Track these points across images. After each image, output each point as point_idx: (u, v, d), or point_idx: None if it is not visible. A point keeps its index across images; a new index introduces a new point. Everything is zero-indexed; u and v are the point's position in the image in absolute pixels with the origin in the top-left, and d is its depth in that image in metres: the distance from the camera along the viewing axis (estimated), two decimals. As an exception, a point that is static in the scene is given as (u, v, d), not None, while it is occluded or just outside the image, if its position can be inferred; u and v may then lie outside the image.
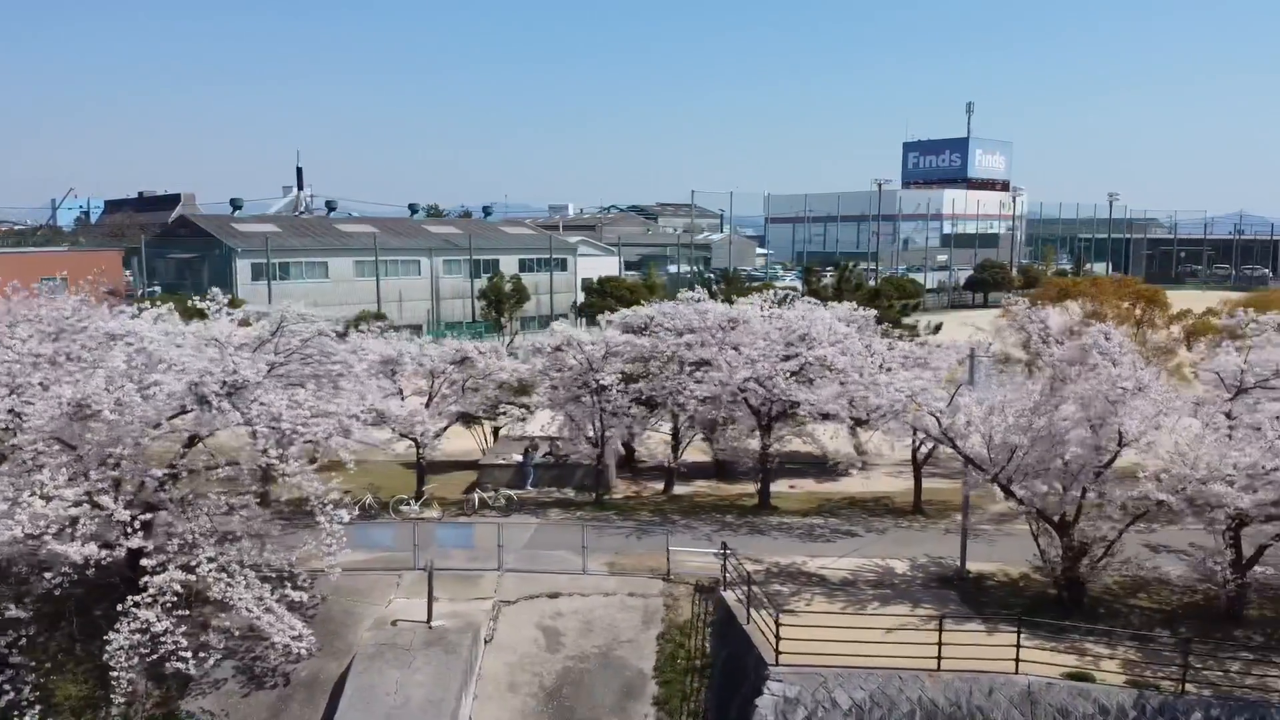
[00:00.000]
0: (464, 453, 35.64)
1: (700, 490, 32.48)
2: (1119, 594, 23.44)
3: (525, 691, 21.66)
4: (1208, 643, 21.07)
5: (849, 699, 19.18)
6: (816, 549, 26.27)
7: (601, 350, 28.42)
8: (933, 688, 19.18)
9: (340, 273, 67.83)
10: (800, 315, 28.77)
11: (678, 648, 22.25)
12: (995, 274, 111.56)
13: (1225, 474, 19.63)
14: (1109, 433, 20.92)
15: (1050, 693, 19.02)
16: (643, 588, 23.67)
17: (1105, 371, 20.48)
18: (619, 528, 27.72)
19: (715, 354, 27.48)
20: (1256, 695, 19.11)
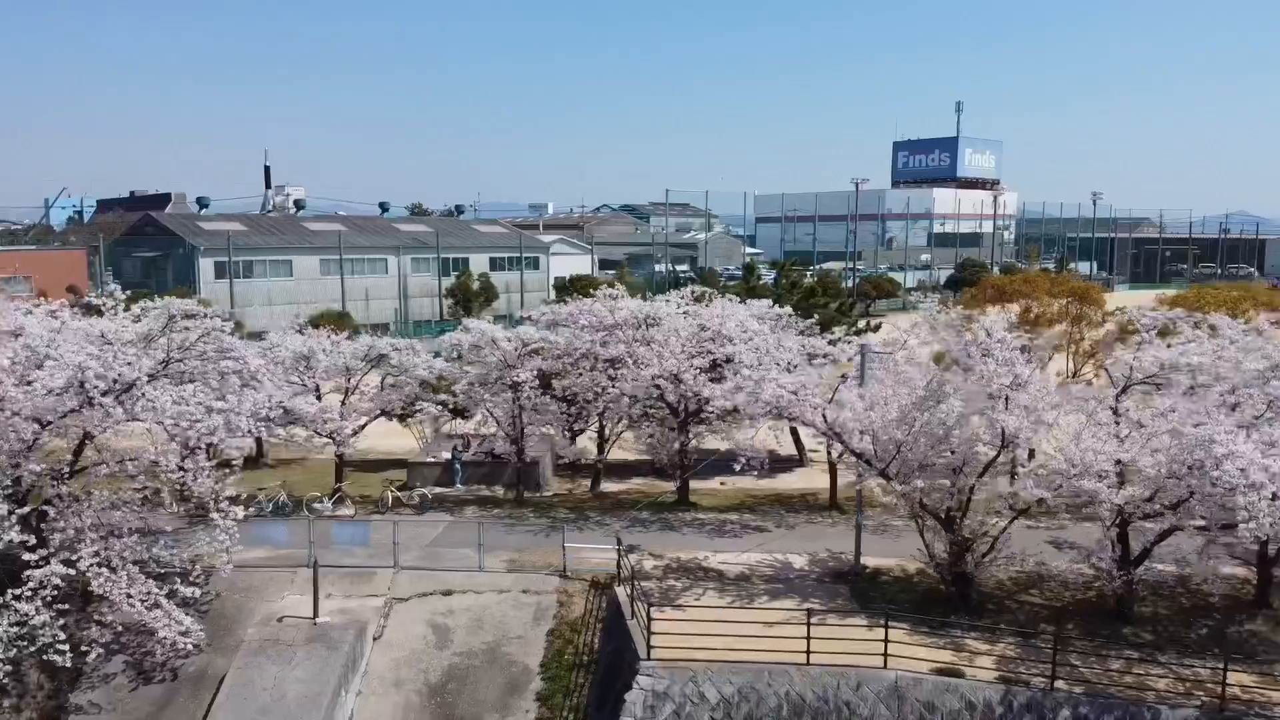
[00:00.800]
0: (404, 451, 35.63)
1: (632, 488, 32.42)
2: (1012, 590, 23.44)
3: (410, 688, 21.69)
4: (1092, 640, 21.13)
5: (717, 693, 19.17)
6: (722, 544, 26.27)
7: (517, 347, 28.39)
8: (801, 682, 19.19)
9: (305, 271, 67.83)
10: (716, 313, 28.71)
11: (566, 644, 22.26)
12: (976, 273, 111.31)
13: (1096, 469, 19.58)
14: (991, 429, 20.87)
15: (918, 688, 19.01)
16: (538, 585, 23.67)
17: (983, 368, 20.44)
18: (530, 525, 27.71)
19: (624, 351, 27.45)
20: (1131, 694, 19.08)
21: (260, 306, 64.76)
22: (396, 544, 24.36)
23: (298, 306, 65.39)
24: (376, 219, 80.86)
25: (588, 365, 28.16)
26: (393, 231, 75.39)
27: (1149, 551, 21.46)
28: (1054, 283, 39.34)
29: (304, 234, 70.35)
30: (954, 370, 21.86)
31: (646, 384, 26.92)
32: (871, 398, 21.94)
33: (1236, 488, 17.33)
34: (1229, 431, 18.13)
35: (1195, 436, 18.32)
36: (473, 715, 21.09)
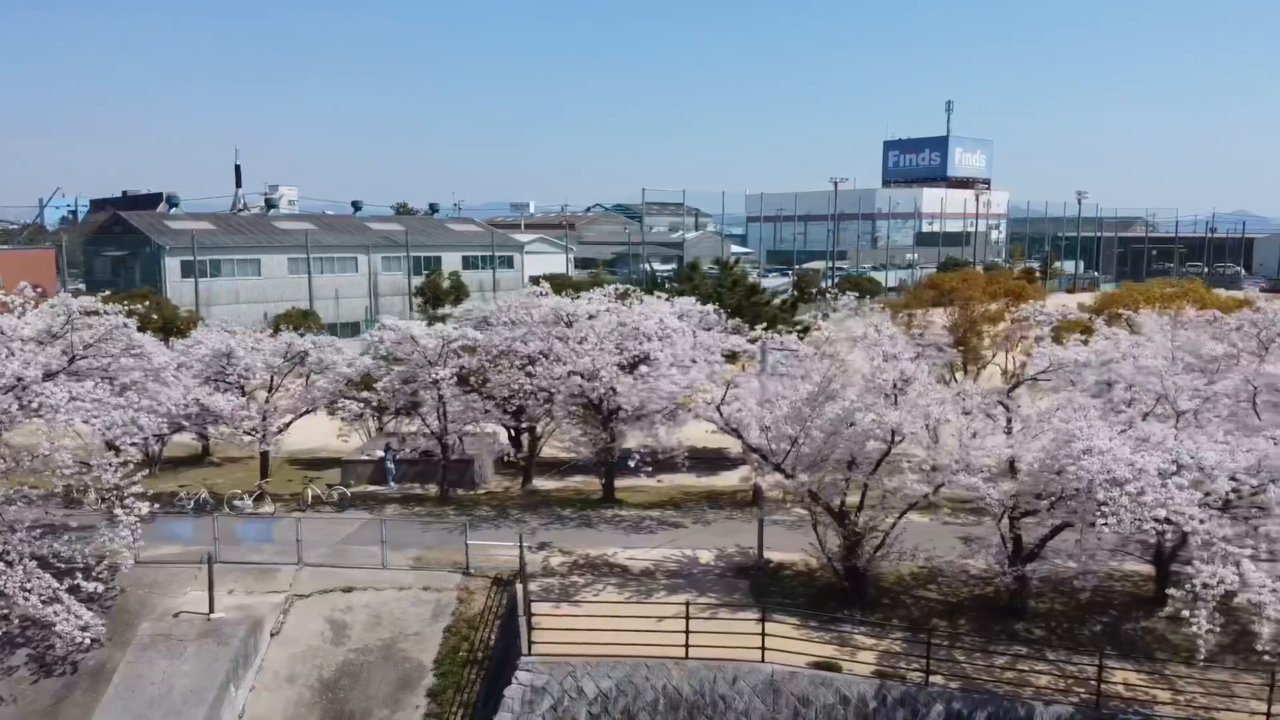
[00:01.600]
0: (349, 449, 35.66)
1: (567, 486, 32.50)
2: (911, 585, 23.48)
3: (303, 683, 21.74)
4: (981, 636, 21.17)
5: (595, 687, 19.23)
6: (636, 540, 26.31)
7: (438, 345, 28.43)
8: (678, 676, 19.24)
9: (273, 270, 67.96)
10: (639, 311, 28.76)
11: (462, 640, 22.31)
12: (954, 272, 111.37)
13: (972, 464, 19.61)
14: (881, 425, 20.87)
15: (793, 682, 19.06)
16: (440, 582, 23.73)
17: (871, 365, 20.47)
18: (448, 523, 27.73)
19: (540, 348, 27.49)
20: (1008, 690, 19.11)
21: (227, 305, 64.90)
22: (300, 541, 24.42)
23: (266, 305, 65.80)
24: (348, 218, 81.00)
25: (506, 363, 28.17)
26: (364, 230, 75.52)
27: (1041, 547, 21.45)
28: (989, 281, 39.30)
29: (273, 233, 70.48)
30: (844, 368, 21.84)
31: (563, 380, 26.93)
32: (764, 394, 21.96)
33: (1096, 483, 17.33)
34: (1090, 426, 18.13)
35: (1062, 432, 18.35)
36: (363, 711, 21.14)
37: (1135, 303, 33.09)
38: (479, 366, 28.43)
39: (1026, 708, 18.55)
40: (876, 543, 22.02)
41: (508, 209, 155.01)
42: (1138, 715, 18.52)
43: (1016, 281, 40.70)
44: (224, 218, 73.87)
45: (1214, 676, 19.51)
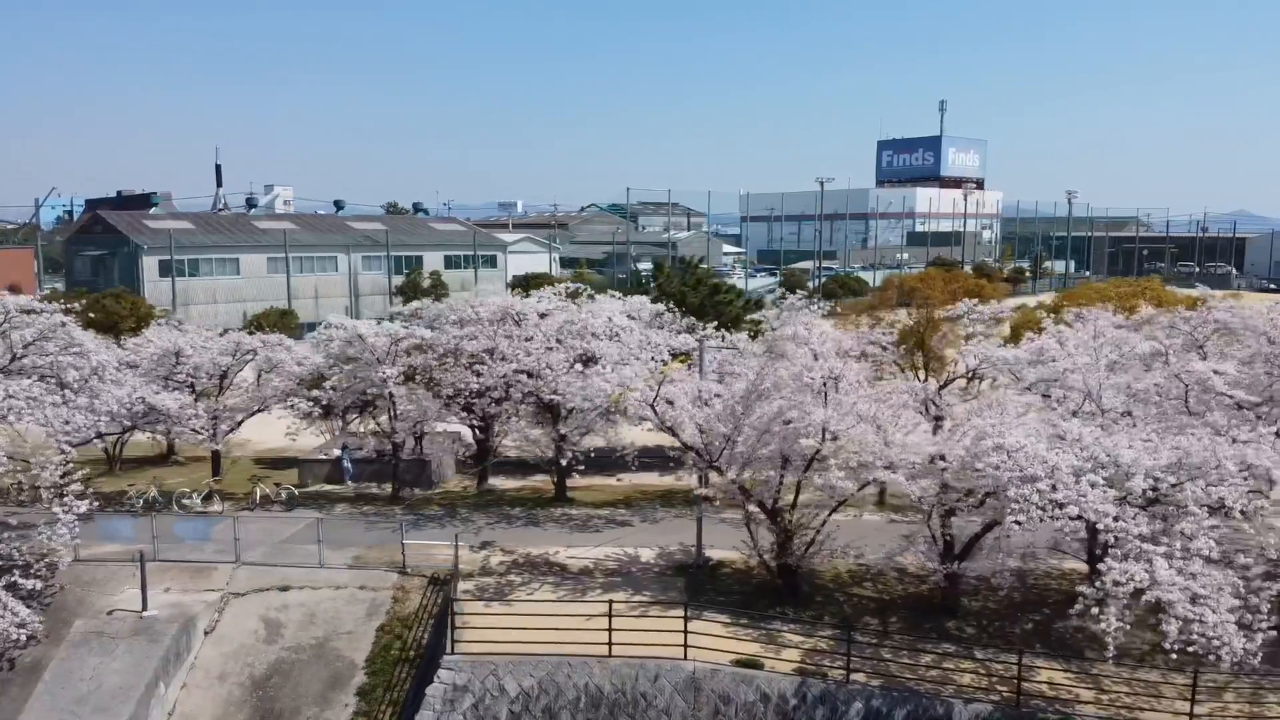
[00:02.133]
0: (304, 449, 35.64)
1: (526, 485, 32.41)
2: (847, 582, 23.48)
3: (234, 681, 21.73)
4: (911, 634, 21.16)
5: (517, 686, 19.23)
6: (580, 539, 26.31)
7: (385, 343, 28.43)
8: (600, 674, 19.24)
9: (253, 269, 67.95)
10: (588, 310, 28.75)
11: (395, 639, 22.28)
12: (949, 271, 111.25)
13: (894, 461, 19.59)
14: (811, 422, 20.85)
15: (714, 679, 19.06)
16: (376, 581, 23.71)
17: (797, 363, 20.45)
18: (394, 522, 27.53)
19: (485, 346, 27.46)
20: (930, 688, 19.10)
21: (205, 305, 64.96)
22: (238, 540, 24.41)
23: (244, 305, 65.82)
24: (329, 217, 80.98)
25: (452, 361, 28.15)
26: (345, 230, 75.50)
27: (971, 546, 21.44)
28: (948, 281, 39.31)
29: (252, 232, 70.45)
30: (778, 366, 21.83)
31: (507, 378, 26.92)
32: (697, 392, 21.94)
33: (1005, 481, 17.32)
34: (1002, 424, 18.12)
35: (978, 430, 18.34)
36: (292, 709, 21.11)
37: (1091, 301, 33.03)
38: (425, 365, 28.37)
39: (946, 706, 18.55)
40: (808, 540, 22.00)
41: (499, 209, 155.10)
42: (1058, 714, 18.50)
43: (975, 281, 40.73)
44: (204, 217, 73.85)
45: (1142, 676, 19.52)
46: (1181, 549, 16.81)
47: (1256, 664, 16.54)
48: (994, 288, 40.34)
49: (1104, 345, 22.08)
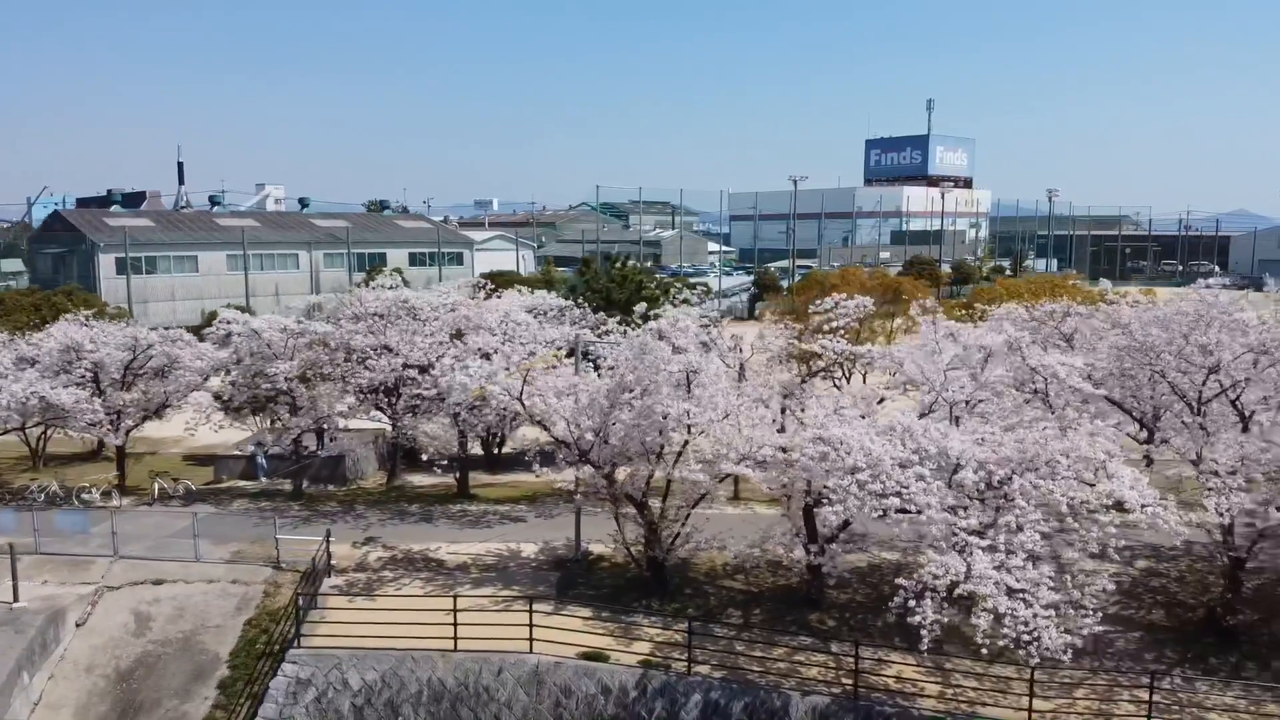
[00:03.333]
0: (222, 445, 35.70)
1: (441, 482, 32.35)
2: (719, 575, 23.49)
3: (100, 673, 21.77)
4: (770, 627, 21.19)
5: (360, 679, 19.27)
6: (467, 535, 26.34)
7: (281, 338, 28.44)
8: (444, 668, 19.28)
9: (212, 266, 68.08)
10: (484, 305, 28.76)
11: (261, 633, 22.30)
12: (922, 270, 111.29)
13: (748, 454, 19.60)
14: (668, 415, 20.86)
15: (557, 672, 19.09)
16: (249, 575, 23.76)
17: (654, 358, 20.45)
18: (288, 518, 27.72)
19: (371, 342, 27.48)
20: (771, 680, 19.11)
21: (164, 302, 65.09)
22: (115, 534, 24.50)
23: (204, 302, 65.83)
24: (293, 214, 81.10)
25: (342, 356, 28.17)
26: (308, 227, 75.58)
27: (834, 538, 21.44)
28: (868, 278, 39.27)
29: (213, 229, 70.57)
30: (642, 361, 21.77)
31: (397, 373, 26.94)
32: (564, 386, 21.93)
33: (825, 472, 17.33)
34: (825, 416, 18.14)
35: (813, 421, 18.35)
36: (153, 701, 21.14)
37: (1002, 298, 33.02)
38: (316, 360, 28.38)
39: (783, 698, 18.56)
40: (674, 533, 22.02)
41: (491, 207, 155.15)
42: (894, 707, 18.51)
43: (895, 279, 40.60)
44: (165, 215, 74.01)
45: (996, 671, 19.45)
46: (1005, 542, 16.80)
47: (1067, 659, 16.51)
48: (916, 285, 40.26)
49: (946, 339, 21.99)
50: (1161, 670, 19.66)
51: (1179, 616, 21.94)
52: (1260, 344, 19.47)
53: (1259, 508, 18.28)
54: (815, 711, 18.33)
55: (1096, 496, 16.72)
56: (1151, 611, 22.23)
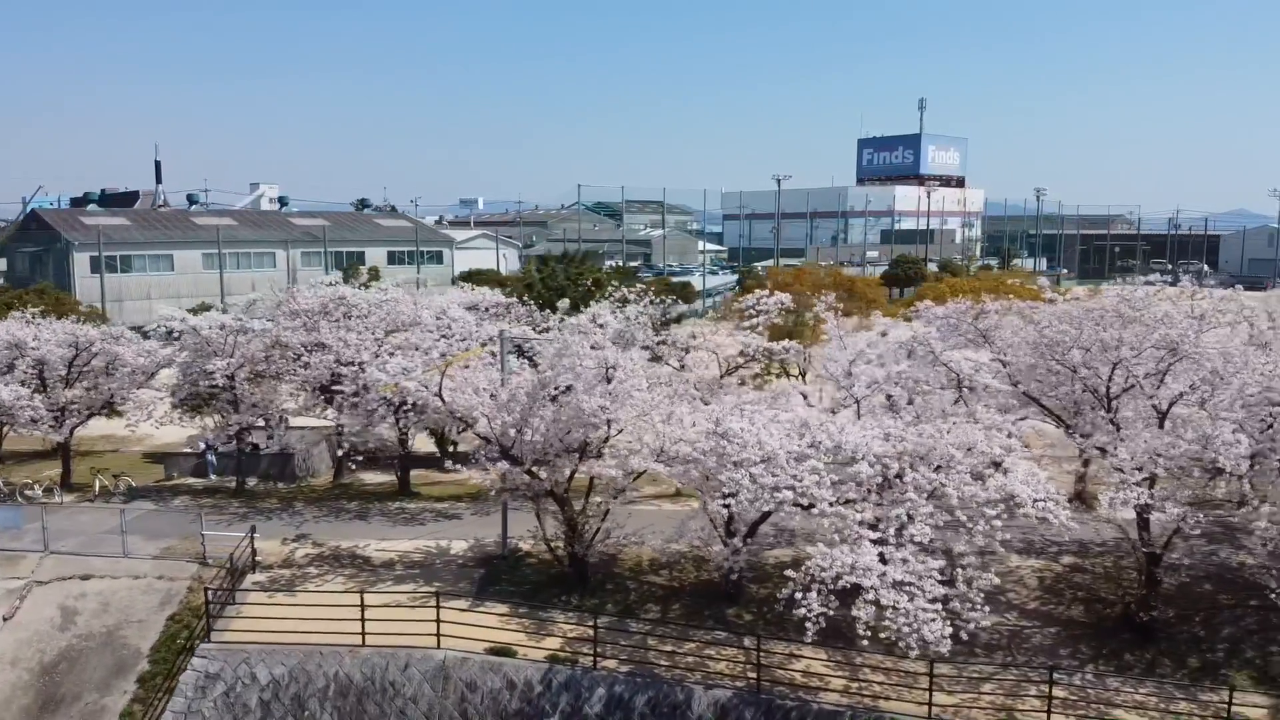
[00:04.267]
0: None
1: (387, 481, 32.41)
2: (644, 570, 23.57)
3: (24, 666, 21.93)
4: (687, 621, 21.25)
5: (269, 674, 19.38)
6: (399, 532, 26.42)
7: (220, 335, 28.53)
8: (351, 663, 19.38)
9: (187, 265, 68.24)
10: (420, 302, 28.85)
11: (183, 628, 22.41)
12: (909, 269, 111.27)
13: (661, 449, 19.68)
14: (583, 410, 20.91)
15: (464, 667, 19.19)
16: (176, 571, 23.87)
17: (571, 356, 20.52)
18: (225, 515, 27.83)
19: (305, 339, 27.54)
20: (677, 674, 19.19)
21: (139, 301, 65.13)
22: (46, 529, 24.65)
23: (179, 301, 65.87)
24: (271, 213, 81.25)
25: (278, 354, 28.26)
26: (285, 226, 75.70)
27: (753, 531, 21.51)
28: (820, 275, 39.35)
29: (189, 229, 70.70)
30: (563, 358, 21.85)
31: (332, 370, 27.03)
32: (483, 382, 22.01)
33: (717, 466, 17.41)
34: (723, 411, 18.22)
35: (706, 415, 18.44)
36: (74, 694, 21.29)
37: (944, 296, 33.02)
38: (252, 357, 28.46)
39: (687, 691, 18.65)
40: (596, 529, 22.12)
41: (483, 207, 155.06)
42: (795, 700, 18.59)
43: (848, 278, 40.66)
44: (141, 214, 74.16)
45: (906, 666, 19.48)
46: (896, 534, 16.88)
47: (945, 652, 16.57)
48: (868, 284, 40.31)
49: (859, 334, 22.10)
50: (1061, 665, 19.76)
51: (1097, 612, 22.00)
52: (1167, 340, 19.49)
53: (1155, 502, 18.33)
54: (717, 705, 18.41)
55: (988, 491, 16.77)
56: (1071, 607, 22.31)
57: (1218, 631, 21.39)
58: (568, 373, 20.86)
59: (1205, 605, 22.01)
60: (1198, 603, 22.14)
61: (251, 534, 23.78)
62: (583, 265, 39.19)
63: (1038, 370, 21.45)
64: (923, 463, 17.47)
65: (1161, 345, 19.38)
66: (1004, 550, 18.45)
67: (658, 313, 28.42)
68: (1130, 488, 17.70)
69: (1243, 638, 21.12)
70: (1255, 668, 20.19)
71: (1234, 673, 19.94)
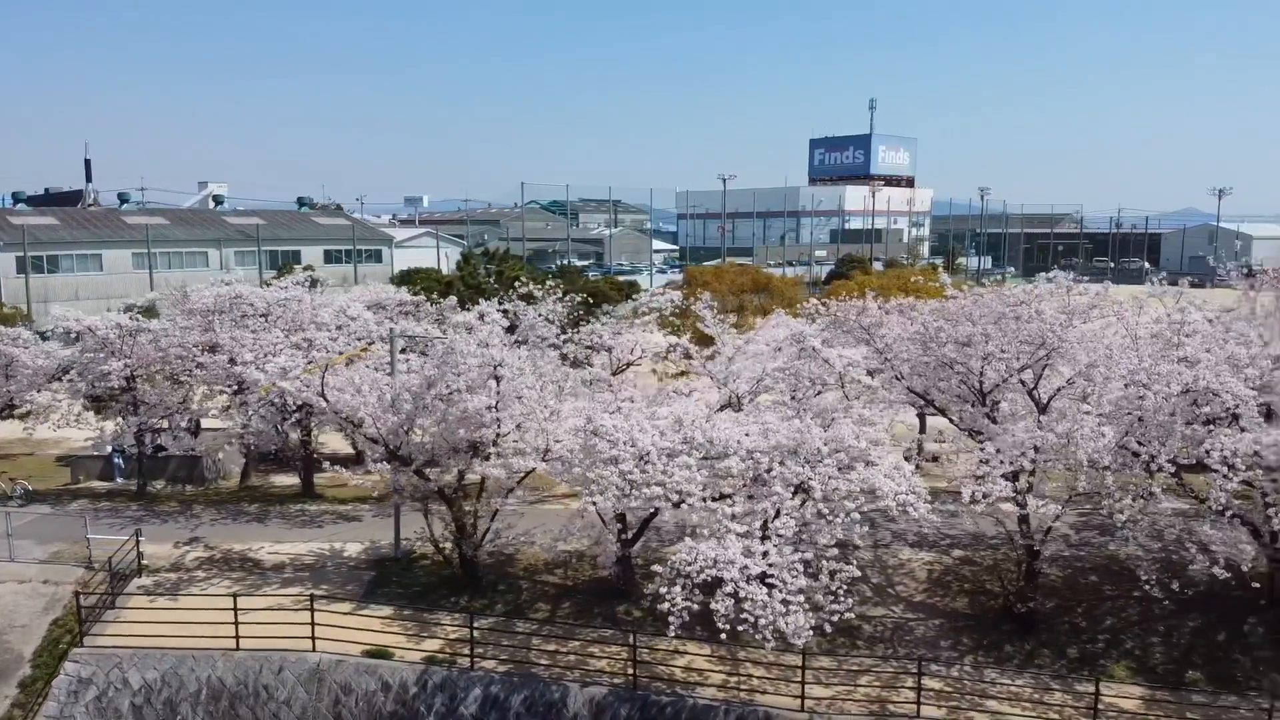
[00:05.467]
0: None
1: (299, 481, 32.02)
2: (538, 570, 23.52)
3: (-100, 674, 21.38)
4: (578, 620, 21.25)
5: (141, 679, 19.09)
6: (296, 535, 26.15)
7: (117, 335, 28.04)
8: (225, 667, 19.14)
9: (116, 265, 67.09)
10: (318, 301, 28.59)
11: (66, 632, 21.93)
12: (853, 268, 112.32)
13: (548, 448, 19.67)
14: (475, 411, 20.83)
15: (339, 669, 19.03)
16: (62, 575, 23.42)
17: (456, 355, 20.41)
18: (122, 518, 27.42)
19: (198, 340, 27.18)
20: (554, 673, 19.17)
21: (67, 301, 63.75)
22: (-75, 536, 24.06)
23: (109, 301, 64.70)
24: (205, 211, 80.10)
25: (174, 355, 27.84)
26: (218, 224, 74.67)
27: (643, 529, 21.58)
28: (738, 275, 39.66)
29: (119, 228, 69.50)
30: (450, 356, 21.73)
31: (225, 371, 26.69)
32: (365, 382, 21.83)
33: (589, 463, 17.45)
34: (595, 408, 18.29)
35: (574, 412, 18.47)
36: (-51, 703, 20.82)
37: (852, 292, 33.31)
38: (148, 358, 28.02)
39: (563, 690, 18.64)
40: (486, 529, 22.04)
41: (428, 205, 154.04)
42: (671, 696, 18.65)
43: (766, 276, 41.07)
44: (70, 213, 72.71)
45: (788, 661, 19.55)
46: (762, 528, 16.99)
47: (800, 643, 16.71)
48: (786, 283, 40.64)
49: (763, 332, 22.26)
50: (939, 657, 20.02)
51: (981, 604, 22.29)
52: (1039, 336, 19.80)
53: (1018, 495, 18.62)
54: (593, 703, 18.43)
55: (850, 484, 16.94)
56: (956, 599, 22.60)
57: (1099, 622, 21.78)
58: (451, 370, 20.74)
59: (1088, 596, 22.42)
60: (1081, 594, 22.54)
61: (137, 537, 23.41)
62: (505, 262, 38.95)
63: (920, 366, 21.72)
64: (792, 457, 17.60)
65: (1032, 340, 19.68)
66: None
67: (564, 311, 28.39)
68: (995, 480, 17.95)
69: (1123, 628, 21.51)
70: (1134, 658, 20.56)
71: (1113, 663, 20.31)
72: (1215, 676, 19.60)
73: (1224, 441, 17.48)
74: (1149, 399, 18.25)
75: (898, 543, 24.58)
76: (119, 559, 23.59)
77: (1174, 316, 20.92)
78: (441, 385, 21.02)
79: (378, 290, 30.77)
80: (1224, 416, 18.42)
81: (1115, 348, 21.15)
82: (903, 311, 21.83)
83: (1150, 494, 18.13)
